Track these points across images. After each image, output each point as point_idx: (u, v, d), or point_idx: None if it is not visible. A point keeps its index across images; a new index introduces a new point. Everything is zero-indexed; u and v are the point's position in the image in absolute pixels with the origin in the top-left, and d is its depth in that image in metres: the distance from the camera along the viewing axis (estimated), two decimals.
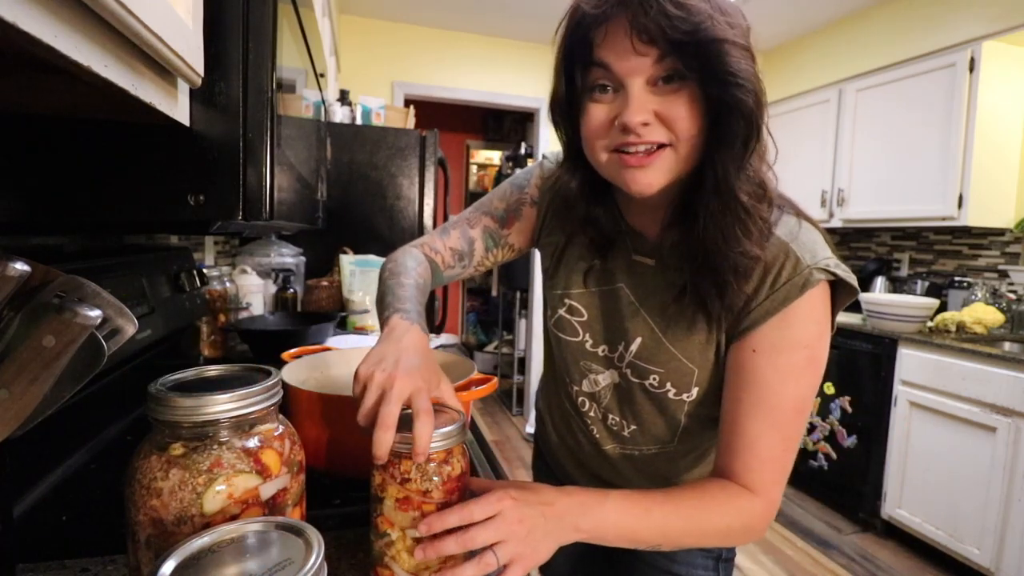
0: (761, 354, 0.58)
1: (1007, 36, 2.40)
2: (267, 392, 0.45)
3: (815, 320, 0.58)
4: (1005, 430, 1.95)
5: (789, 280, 0.57)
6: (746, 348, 0.59)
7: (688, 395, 0.67)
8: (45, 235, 0.79)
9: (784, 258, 0.58)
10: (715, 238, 0.57)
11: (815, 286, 0.56)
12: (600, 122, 0.57)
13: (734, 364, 0.61)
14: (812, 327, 0.58)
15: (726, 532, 0.59)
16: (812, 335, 0.58)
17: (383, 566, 0.51)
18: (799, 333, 0.58)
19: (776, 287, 0.57)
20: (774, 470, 0.59)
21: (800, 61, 3.44)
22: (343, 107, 2.31)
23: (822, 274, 0.56)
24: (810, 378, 0.59)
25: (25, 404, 0.35)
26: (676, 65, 0.53)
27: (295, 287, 1.77)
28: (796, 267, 0.57)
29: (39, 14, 0.26)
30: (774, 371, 0.58)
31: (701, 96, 0.54)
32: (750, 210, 0.56)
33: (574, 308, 0.75)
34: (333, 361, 0.88)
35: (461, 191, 5.43)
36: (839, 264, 0.59)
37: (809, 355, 0.58)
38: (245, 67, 0.58)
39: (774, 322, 0.58)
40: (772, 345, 0.58)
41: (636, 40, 0.52)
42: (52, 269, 0.37)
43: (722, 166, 0.55)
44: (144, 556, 0.41)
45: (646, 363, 0.68)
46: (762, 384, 0.58)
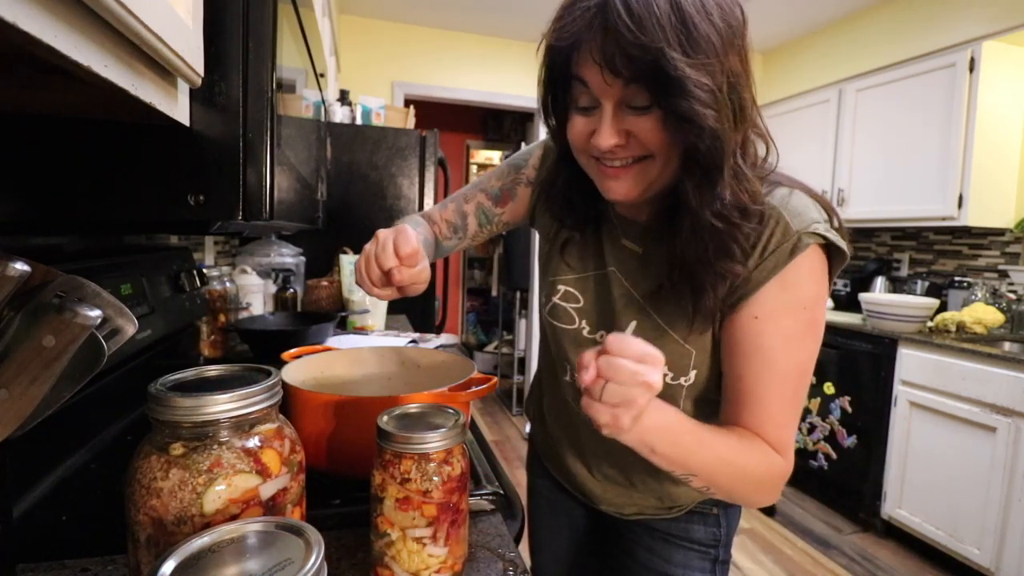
0: (764, 320, 0.59)
1: (1007, 36, 2.40)
2: (267, 392, 0.45)
3: (812, 281, 0.59)
4: (1005, 430, 1.95)
5: (779, 246, 0.58)
6: (747, 316, 0.60)
7: (686, 378, 0.67)
8: (45, 235, 0.79)
9: (774, 224, 0.58)
10: (690, 255, 0.59)
11: (805, 250, 0.57)
12: (581, 134, 0.60)
13: (736, 333, 0.61)
14: (811, 288, 0.59)
15: (758, 483, 0.60)
16: (810, 297, 0.59)
17: (383, 566, 0.51)
18: (798, 295, 0.59)
19: (766, 254, 0.58)
20: (790, 433, 0.61)
21: (800, 61, 3.44)
22: (343, 107, 2.31)
23: (811, 238, 0.57)
24: (812, 340, 0.61)
25: (25, 404, 0.35)
26: (642, 93, 0.53)
27: (295, 287, 1.77)
28: (785, 232, 0.57)
29: (39, 14, 0.26)
30: (779, 335, 0.59)
31: (669, 122, 0.54)
32: (723, 233, 0.57)
33: (569, 294, 0.76)
34: (333, 361, 0.88)
35: None
36: (829, 229, 0.59)
37: (809, 317, 0.59)
38: (245, 67, 0.58)
39: (771, 288, 0.58)
40: (773, 310, 0.59)
41: (604, 71, 0.53)
42: (52, 269, 0.37)
43: (688, 192, 0.56)
44: (144, 556, 0.41)
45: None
46: (769, 349, 0.59)
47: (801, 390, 0.61)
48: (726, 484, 0.60)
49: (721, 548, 0.79)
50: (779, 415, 0.60)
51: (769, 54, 3.71)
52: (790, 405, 0.60)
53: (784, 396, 0.60)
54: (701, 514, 0.78)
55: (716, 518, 0.78)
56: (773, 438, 0.60)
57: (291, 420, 0.52)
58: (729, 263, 0.58)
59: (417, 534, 0.50)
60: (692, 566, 0.78)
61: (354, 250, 1.92)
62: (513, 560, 0.58)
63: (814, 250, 0.58)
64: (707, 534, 0.78)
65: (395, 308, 2.06)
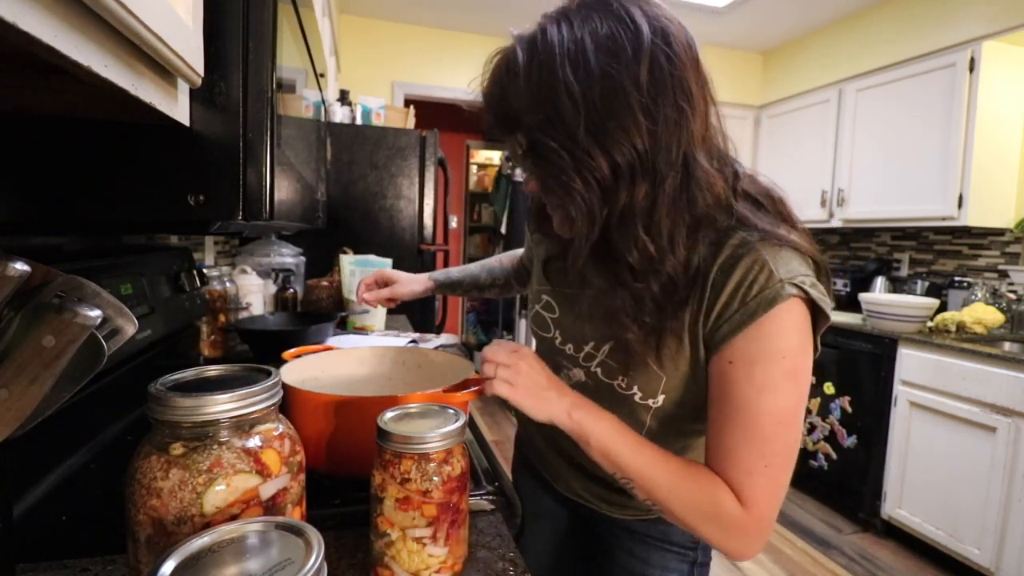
0: (737, 366, 0.58)
1: (1007, 36, 2.40)
2: (267, 392, 0.45)
3: (793, 331, 0.57)
4: (1005, 430, 1.95)
5: (760, 292, 0.56)
6: (723, 360, 0.59)
7: (654, 401, 0.67)
8: (45, 235, 0.79)
9: (758, 271, 0.57)
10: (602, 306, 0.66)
11: (786, 300, 0.55)
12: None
13: (713, 376, 0.61)
14: (791, 338, 0.57)
15: (696, 509, 0.58)
16: (791, 347, 0.57)
17: (383, 566, 0.51)
18: (776, 344, 0.56)
19: (748, 299, 0.57)
20: (758, 485, 0.57)
21: (800, 61, 3.43)
22: (343, 107, 2.31)
23: (794, 289, 0.56)
24: (791, 391, 0.57)
25: (25, 404, 0.35)
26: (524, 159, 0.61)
27: (295, 287, 1.77)
28: (769, 279, 0.56)
29: (39, 14, 0.26)
30: (750, 383, 0.57)
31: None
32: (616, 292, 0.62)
33: (548, 304, 0.78)
34: (333, 361, 0.88)
35: (461, 191, 5.43)
36: (816, 284, 0.58)
37: (789, 367, 0.57)
38: (245, 67, 0.58)
39: (748, 333, 0.57)
40: (747, 357, 0.57)
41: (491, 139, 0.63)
42: (52, 269, 0.37)
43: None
44: (144, 556, 0.41)
45: (618, 364, 0.68)
46: (739, 396, 0.57)
47: (775, 440, 0.57)
48: (665, 500, 0.59)
49: (700, 550, 0.79)
50: (744, 462, 0.57)
51: (769, 54, 3.71)
52: (760, 454, 0.57)
53: (752, 444, 0.57)
54: None
55: None
56: (735, 485, 0.57)
57: (291, 420, 0.52)
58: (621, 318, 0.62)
59: (417, 534, 0.50)
60: (670, 568, 0.78)
61: (354, 250, 1.92)
62: (513, 560, 0.58)
63: (796, 303, 0.56)
64: (684, 536, 0.77)
65: (395, 308, 2.06)
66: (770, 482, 0.57)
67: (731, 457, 0.58)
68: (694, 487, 0.58)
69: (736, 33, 3.40)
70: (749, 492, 0.57)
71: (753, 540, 0.58)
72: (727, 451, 0.58)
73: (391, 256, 1.83)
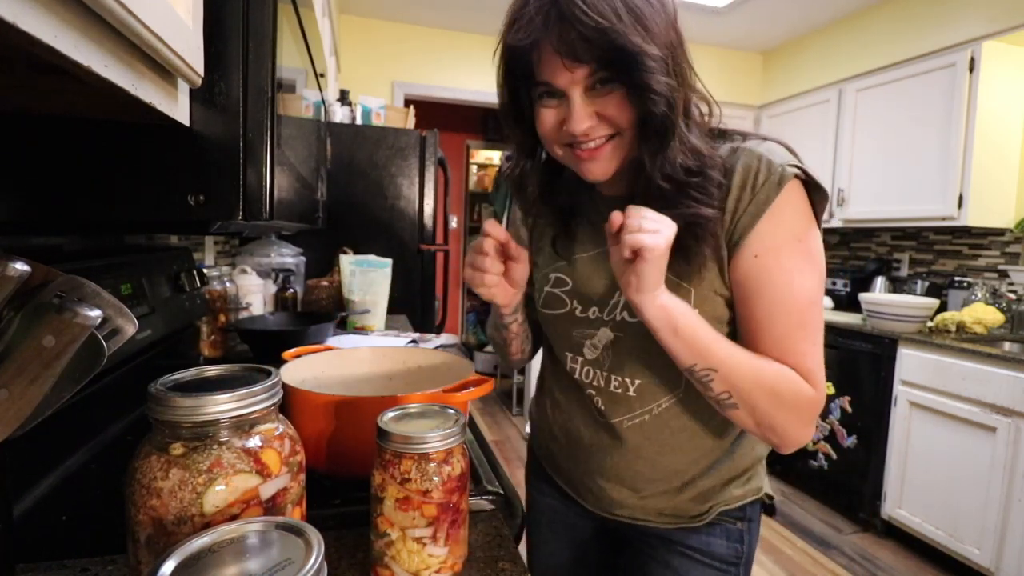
0: (763, 256, 0.61)
1: (1007, 36, 2.40)
2: (267, 392, 0.45)
3: (802, 212, 0.62)
4: (1005, 430, 1.95)
5: (767, 180, 0.60)
6: (747, 256, 0.62)
7: None
8: (45, 235, 0.79)
9: (758, 163, 0.61)
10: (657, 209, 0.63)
11: (790, 180, 0.60)
12: (551, 126, 0.64)
13: (740, 275, 0.63)
14: (802, 219, 0.62)
15: (785, 400, 0.61)
16: (802, 228, 0.62)
17: (383, 566, 0.51)
18: (790, 227, 0.61)
19: (756, 189, 0.61)
20: (812, 362, 0.62)
21: (800, 61, 3.43)
22: (343, 107, 2.31)
23: (794, 170, 0.60)
24: (813, 269, 0.62)
25: (25, 404, 0.35)
26: (604, 75, 0.59)
27: (295, 287, 1.77)
28: (770, 168, 0.61)
29: (39, 14, 0.26)
30: (780, 270, 0.61)
31: (630, 97, 0.60)
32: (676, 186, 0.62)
33: (559, 280, 0.78)
34: (333, 361, 0.88)
35: (461, 191, 5.43)
36: (804, 167, 0.62)
37: (807, 248, 0.62)
38: (245, 67, 0.58)
39: (765, 224, 0.61)
40: (770, 245, 0.61)
41: (565, 60, 0.58)
42: (52, 269, 0.37)
43: (645, 158, 0.62)
44: (144, 556, 0.41)
45: None
46: (773, 285, 0.61)
47: (814, 318, 0.62)
48: (748, 389, 0.60)
49: (743, 567, 0.74)
50: (797, 344, 0.61)
51: (769, 54, 3.71)
52: (805, 334, 0.62)
53: (798, 326, 0.61)
54: (724, 527, 0.73)
55: (740, 533, 0.73)
56: (797, 367, 0.61)
57: (291, 420, 0.52)
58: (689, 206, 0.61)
59: (417, 534, 0.50)
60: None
61: (354, 250, 1.92)
62: (513, 560, 0.58)
63: (797, 184, 0.61)
64: (729, 550, 0.73)
65: (395, 308, 2.07)
66: (818, 358, 0.63)
67: (783, 344, 0.62)
68: (774, 372, 0.61)
69: (736, 33, 3.40)
70: (807, 369, 0.62)
71: (815, 410, 0.63)
72: (777, 339, 0.62)
73: (391, 256, 1.83)
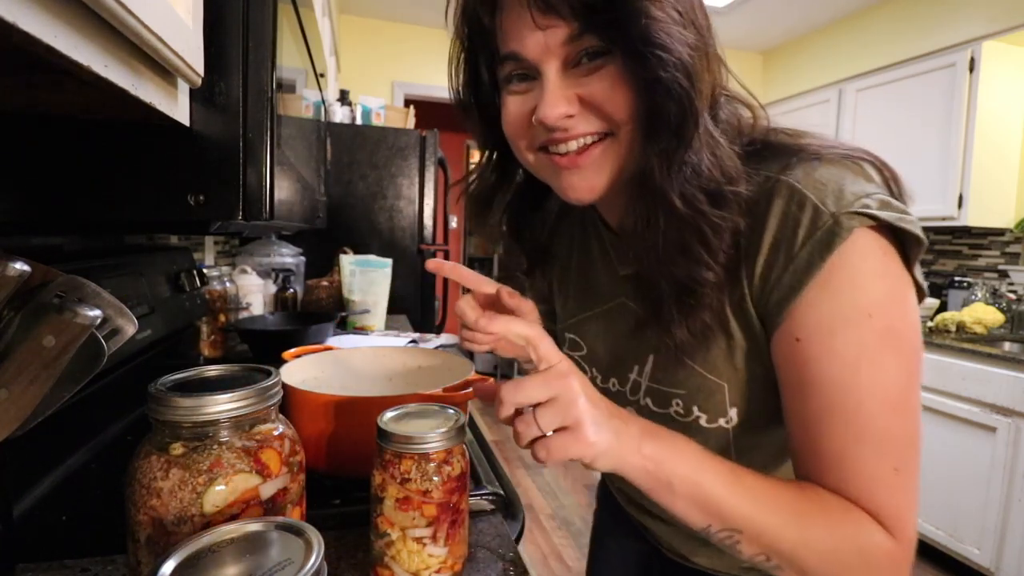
0: (809, 342, 0.43)
1: (1007, 36, 2.40)
2: (267, 392, 0.45)
3: (873, 275, 0.42)
4: (1005, 430, 1.95)
5: (810, 236, 0.42)
6: (788, 338, 0.44)
7: (726, 419, 0.52)
8: (45, 235, 0.79)
9: (798, 210, 0.42)
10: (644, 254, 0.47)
11: (848, 237, 0.41)
12: (518, 116, 0.48)
13: (782, 363, 0.46)
14: (873, 286, 0.42)
15: (834, 557, 0.42)
16: (874, 298, 0.42)
17: (383, 566, 0.51)
18: (853, 301, 0.42)
19: (794, 251, 0.43)
20: (895, 497, 0.42)
21: (800, 61, 3.43)
22: (343, 107, 2.31)
23: (856, 219, 0.41)
24: (894, 359, 0.42)
25: (25, 404, 0.35)
26: (592, 39, 0.43)
27: (295, 287, 1.77)
28: (816, 216, 0.42)
29: (39, 14, 0.26)
30: (833, 360, 0.42)
31: (630, 74, 0.43)
32: (687, 218, 0.43)
33: (573, 342, 0.65)
34: (333, 361, 0.88)
35: None
36: (887, 201, 0.42)
37: (883, 326, 0.42)
38: (245, 67, 0.58)
39: (809, 296, 0.43)
40: (819, 326, 0.43)
41: (535, 13, 0.42)
42: (52, 269, 0.37)
43: (650, 162, 0.44)
44: (144, 556, 0.41)
45: (665, 385, 0.54)
46: (824, 382, 0.43)
47: (895, 431, 0.42)
48: (789, 550, 0.42)
49: None
50: (862, 467, 0.42)
51: (769, 54, 3.71)
52: (878, 454, 0.42)
53: (862, 444, 0.42)
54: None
55: None
56: (865, 504, 0.43)
57: (291, 420, 0.52)
58: (686, 264, 0.44)
59: (417, 534, 0.50)
60: None
61: (354, 250, 1.92)
62: (513, 560, 0.58)
63: (864, 235, 0.41)
64: None
65: (395, 308, 2.07)
66: (908, 490, 0.43)
67: (841, 466, 0.43)
68: (828, 523, 0.42)
69: (736, 33, 3.40)
70: (880, 506, 0.42)
71: (898, 567, 0.43)
72: (833, 458, 0.43)
73: (391, 256, 1.83)
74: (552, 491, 2.84)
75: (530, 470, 3.07)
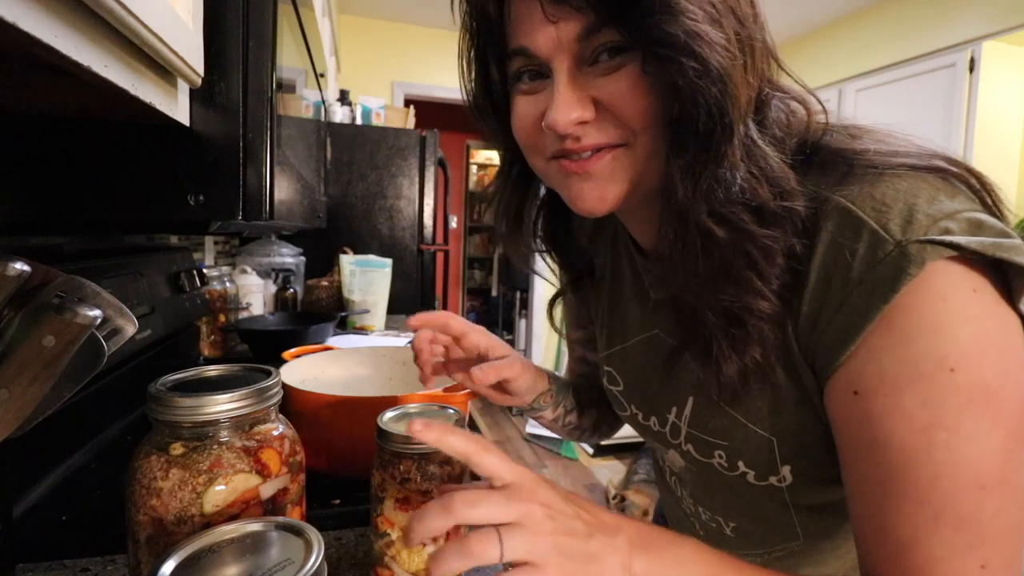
0: (868, 396, 0.35)
1: (1007, 36, 2.40)
2: (267, 392, 0.45)
3: (955, 319, 0.33)
4: None
5: (870, 270, 0.34)
6: (843, 391, 0.37)
7: (777, 478, 0.45)
8: (45, 235, 0.79)
9: (852, 237, 0.35)
10: (680, 282, 0.41)
11: (919, 272, 0.33)
12: (528, 120, 0.43)
13: (838, 420, 0.39)
14: (954, 332, 0.33)
15: None
16: (959, 348, 0.33)
17: (383, 566, 0.51)
18: (928, 348, 0.33)
19: (849, 288, 0.35)
20: None
21: (800, 61, 3.44)
22: (343, 107, 2.31)
23: (931, 249, 0.33)
24: (987, 421, 0.33)
25: (25, 404, 0.35)
26: (610, 33, 0.37)
27: (295, 287, 1.77)
28: (876, 244, 0.34)
29: (39, 14, 0.26)
30: (901, 421, 0.34)
31: (651, 74, 0.38)
32: (727, 241, 0.37)
33: (611, 376, 0.59)
34: (333, 361, 0.88)
35: (461, 191, 5.43)
36: (977, 221, 0.34)
37: (968, 382, 0.33)
38: (245, 67, 0.58)
39: (871, 342, 0.35)
40: (883, 377, 0.35)
41: (546, 4, 0.37)
42: (52, 269, 0.37)
43: (676, 179, 0.38)
44: (144, 556, 0.41)
45: (706, 434, 0.48)
46: (892, 447, 0.35)
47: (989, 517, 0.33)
48: None
49: None
50: (941, 564, 0.34)
51: None
52: (962, 545, 0.34)
53: (937, 527, 0.34)
54: None
55: None
56: None
57: (291, 420, 0.52)
58: (734, 292, 0.38)
59: None
60: None
61: (354, 250, 1.92)
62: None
63: (945, 268, 0.33)
64: None
65: (395, 308, 2.07)
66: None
67: (913, 554, 0.35)
68: None
69: None
70: None
71: None
72: (904, 544, 0.35)
73: (391, 256, 1.83)
74: None
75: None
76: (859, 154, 0.38)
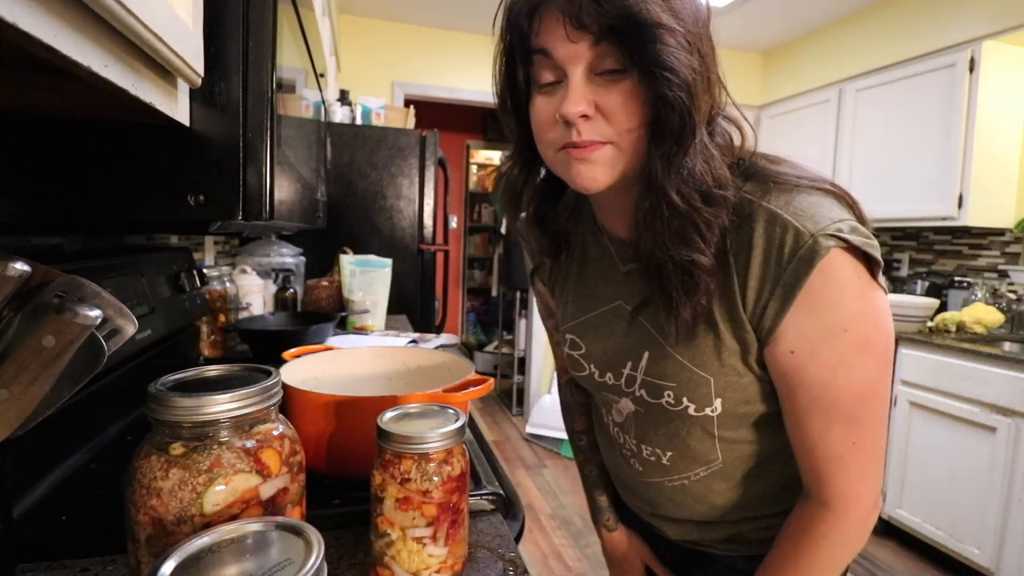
0: (800, 354, 0.52)
1: (1007, 36, 2.40)
2: (267, 392, 0.45)
3: (848, 295, 0.50)
4: (1005, 430, 1.95)
5: (793, 255, 0.50)
6: (782, 351, 0.53)
7: (711, 408, 0.60)
8: (45, 235, 0.79)
9: (781, 232, 0.50)
10: (646, 239, 0.55)
11: (825, 256, 0.48)
12: (547, 116, 0.55)
13: (777, 371, 0.55)
14: (847, 303, 0.50)
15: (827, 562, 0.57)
16: (850, 314, 0.51)
17: (383, 566, 0.51)
18: (832, 318, 0.51)
19: (783, 267, 0.50)
20: (848, 468, 0.54)
21: (800, 61, 3.43)
22: (343, 107, 2.31)
23: (831, 240, 0.49)
24: (866, 360, 0.52)
25: (25, 404, 0.35)
26: (614, 54, 0.50)
27: (295, 287, 1.77)
28: (796, 240, 0.50)
29: (39, 14, 0.26)
30: (820, 367, 0.52)
31: (642, 89, 0.51)
32: (681, 214, 0.52)
33: (573, 343, 0.72)
34: (333, 361, 0.88)
35: (461, 191, 5.43)
36: (856, 228, 0.50)
37: (857, 337, 0.51)
38: (245, 67, 0.58)
39: (798, 314, 0.51)
40: (808, 338, 0.52)
41: (569, 27, 0.49)
42: (52, 269, 0.37)
43: (653, 164, 0.52)
44: (144, 556, 0.41)
45: (658, 378, 0.61)
46: (811, 384, 0.53)
47: (860, 416, 0.53)
48: None
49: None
50: (832, 448, 0.54)
51: (769, 54, 3.71)
52: (844, 435, 0.53)
53: (835, 426, 0.53)
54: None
55: None
56: (825, 477, 0.55)
57: (291, 420, 0.52)
58: (686, 250, 0.52)
59: (417, 534, 0.50)
60: None
61: (354, 250, 1.92)
62: (513, 560, 0.58)
63: (838, 256, 0.49)
64: None
65: (395, 308, 2.07)
66: (861, 460, 0.54)
67: (817, 448, 0.55)
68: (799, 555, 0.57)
69: (736, 33, 3.40)
70: (839, 480, 0.54)
71: (857, 525, 0.56)
72: (812, 444, 0.55)
73: (391, 256, 1.83)
74: (552, 491, 2.84)
75: (530, 470, 3.08)
76: (778, 174, 0.55)
